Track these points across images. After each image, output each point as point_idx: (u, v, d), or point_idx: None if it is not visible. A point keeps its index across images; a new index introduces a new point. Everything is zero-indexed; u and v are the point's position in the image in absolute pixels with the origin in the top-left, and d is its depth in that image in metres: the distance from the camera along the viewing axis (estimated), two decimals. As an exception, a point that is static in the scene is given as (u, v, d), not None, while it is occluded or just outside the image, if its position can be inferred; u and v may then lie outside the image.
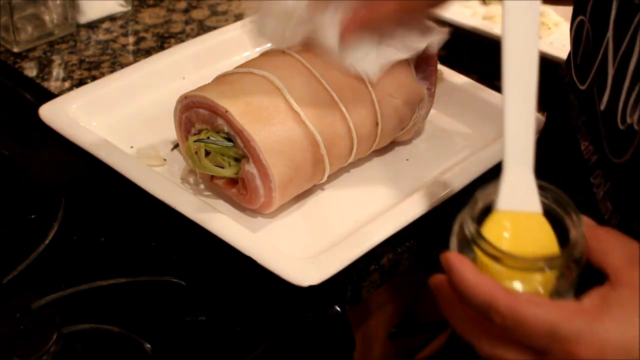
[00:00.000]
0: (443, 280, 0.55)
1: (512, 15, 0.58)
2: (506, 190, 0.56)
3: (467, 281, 0.51)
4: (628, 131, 0.59)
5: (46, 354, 0.64)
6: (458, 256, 0.53)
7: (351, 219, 0.79)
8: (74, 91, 0.93)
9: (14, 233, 0.78)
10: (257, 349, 0.68)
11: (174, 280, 0.72)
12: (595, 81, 0.66)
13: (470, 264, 0.52)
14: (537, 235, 0.55)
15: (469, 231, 0.54)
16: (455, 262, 0.52)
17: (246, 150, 0.75)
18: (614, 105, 0.61)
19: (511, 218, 0.55)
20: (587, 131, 0.67)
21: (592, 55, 0.66)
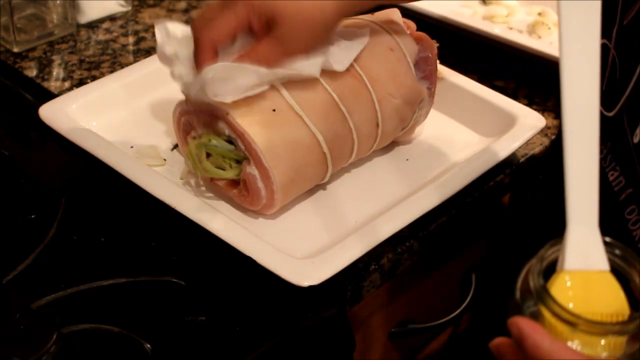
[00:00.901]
0: (507, 345, 0.53)
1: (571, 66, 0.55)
2: (572, 249, 0.54)
3: (543, 349, 0.50)
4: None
5: (46, 354, 0.64)
6: (529, 322, 0.51)
7: (351, 219, 0.79)
8: (74, 91, 0.93)
9: (14, 233, 0.77)
10: (257, 349, 0.68)
11: (174, 280, 0.72)
12: (625, 110, 0.64)
13: (544, 331, 0.51)
14: (605, 294, 0.53)
15: (536, 288, 0.52)
16: (528, 329, 0.51)
17: (247, 152, 0.75)
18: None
19: (578, 278, 0.53)
20: (614, 159, 0.65)
21: (621, 83, 0.64)
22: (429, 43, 0.87)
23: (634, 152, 0.62)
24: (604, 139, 0.65)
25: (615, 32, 0.65)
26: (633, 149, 0.62)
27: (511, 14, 1.13)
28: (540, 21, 1.10)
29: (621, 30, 0.65)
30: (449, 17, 1.07)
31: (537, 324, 0.51)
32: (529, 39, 1.06)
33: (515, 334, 0.51)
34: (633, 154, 0.62)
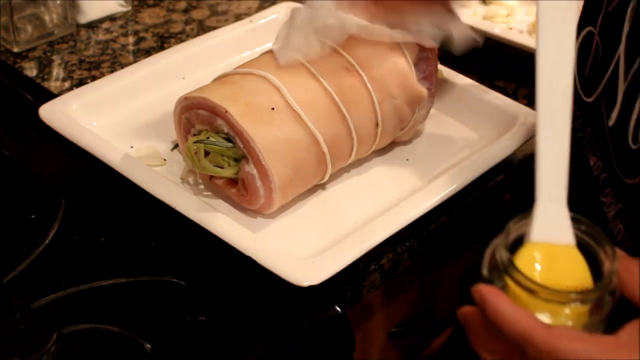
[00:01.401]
0: (473, 313, 0.54)
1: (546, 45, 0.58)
2: (539, 222, 0.55)
3: (503, 313, 0.51)
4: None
5: (46, 354, 0.64)
6: (492, 289, 0.52)
7: (351, 219, 0.79)
8: (74, 91, 0.93)
9: (14, 233, 0.77)
10: (257, 349, 0.68)
11: (174, 280, 0.72)
12: (603, 95, 0.65)
13: (505, 297, 0.52)
14: (570, 267, 0.55)
15: (502, 260, 0.54)
16: (490, 295, 0.52)
17: (246, 151, 0.75)
18: (625, 123, 0.60)
19: (544, 250, 0.55)
20: (594, 145, 0.66)
21: (601, 69, 0.65)
22: (429, 43, 0.87)
23: (608, 136, 0.63)
24: (584, 125, 0.66)
25: (601, 19, 0.66)
26: (608, 132, 0.63)
27: (511, 14, 1.13)
28: (540, 21, 1.09)
29: (606, 16, 0.65)
30: (449, 17, 1.07)
31: (499, 291, 0.52)
32: (529, 39, 1.06)
33: (478, 300, 0.52)
34: (608, 137, 0.63)
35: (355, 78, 0.80)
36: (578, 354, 0.49)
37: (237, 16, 1.15)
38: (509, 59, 1.05)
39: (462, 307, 0.55)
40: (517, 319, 0.50)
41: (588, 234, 0.55)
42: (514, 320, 0.50)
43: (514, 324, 0.50)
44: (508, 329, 0.51)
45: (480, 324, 0.53)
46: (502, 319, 0.51)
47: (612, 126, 0.62)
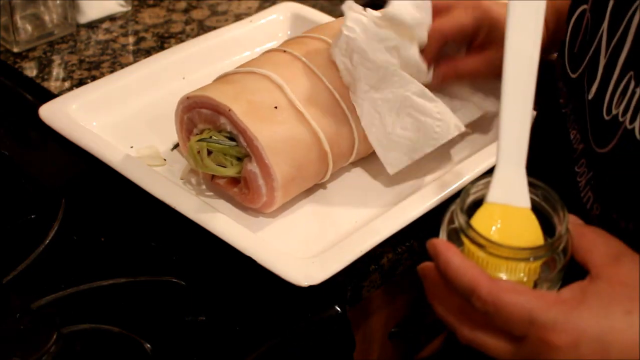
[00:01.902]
0: (430, 267, 0.57)
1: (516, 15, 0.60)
2: (497, 184, 0.57)
3: (452, 264, 0.53)
4: (612, 122, 0.60)
5: (46, 354, 0.64)
6: (444, 242, 0.55)
7: (351, 219, 0.79)
8: (74, 91, 0.93)
9: (14, 233, 0.78)
10: (257, 349, 0.68)
11: (174, 280, 0.72)
12: (586, 70, 0.66)
13: (457, 249, 0.54)
14: (524, 228, 0.57)
15: (458, 221, 0.56)
16: (442, 247, 0.54)
17: (249, 149, 0.75)
18: (602, 96, 0.62)
19: (500, 211, 0.57)
20: (575, 120, 0.68)
21: (587, 44, 0.66)
22: (429, 43, 0.87)
23: (587, 108, 0.64)
24: (568, 100, 0.67)
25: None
26: (587, 106, 0.64)
27: (511, 14, 1.12)
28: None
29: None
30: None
31: (451, 244, 0.55)
32: (529, 39, 1.05)
33: (432, 252, 0.55)
34: (586, 110, 0.64)
35: (355, 78, 0.80)
36: (521, 306, 0.50)
37: (237, 16, 1.15)
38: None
39: (422, 263, 0.57)
40: (465, 270, 0.53)
41: (544, 199, 0.57)
42: (462, 271, 0.53)
43: (461, 275, 0.52)
44: (456, 280, 0.53)
45: (436, 278, 0.56)
46: (451, 269, 0.53)
47: (591, 99, 0.64)
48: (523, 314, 0.51)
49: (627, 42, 0.59)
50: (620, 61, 0.60)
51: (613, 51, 0.61)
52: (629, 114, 0.58)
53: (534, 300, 0.51)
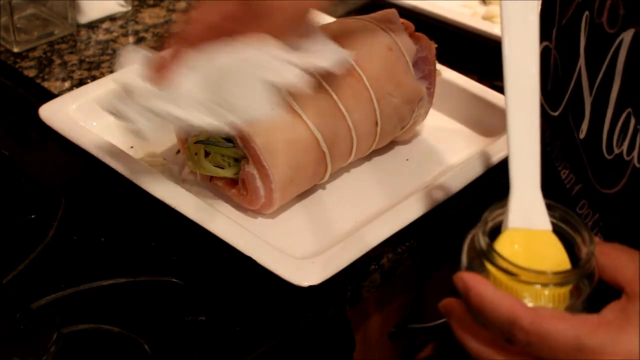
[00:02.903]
0: (454, 302, 0.55)
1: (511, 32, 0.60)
2: (515, 209, 0.56)
3: (486, 298, 0.51)
4: (617, 161, 0.58)
5: (46, 354, 0.64)
6: (473, 275, 0.52)
7: (351, 219, 0.79)
8: (74, 91, 0.93)
9: (14, 233, 0.78)
10: (257, 349, 0.68)
11: (174, 280, 0.72)
12: (569, 108, 0.65)
13: (487, 281, 0.52)
14: (548, 252, 0.55)
15: (481, 246, 0.54)
16: (472, 281, 0.52)
17: (246, 151, 0.75)
18: (596, 134, 0.61)
19: (522, 236, 0.55)
20: (564, 158, 0.67)
21: (563, 82, 0.65)
22: (427, 43, 0.87)
23: (580, 148, 0.63)
24: (553, 139, 0.67)
25: (555, 33, 0.66)
26: (580, 145, 0.63)
27: (511, 14, 1.12)
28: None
29: (560, 30, 0.66)
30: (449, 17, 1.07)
31: (481, 277, 0.52)
32: (528, 39, 1.05)
33: (461, 287, 0.52)
34: (580, 150, 0.63)
35: (354, 77, 0.80)
36: (565, 332, 0.49)
37: (237, 16, 1.15)
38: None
39: (445, 299, 0.55)
40: (502, 302, 0.50)
41: (564, 220, 0.56)
42: (499, 303, 0.50)
43: (499, 307, 0.50)
44: (493, 313, 0.51)
45: (464, 313, 0.54)
46: (487, 303, 0.51)
47: (583, 139, 0.63)
48: (570, 341, 0.49)
49: (617, 78, 0.58)
50: (612, 98, 0.58)
51: (600, 89, 0.60)
52: (635, 152, 0.57)
53: (579, 326, 0.50)
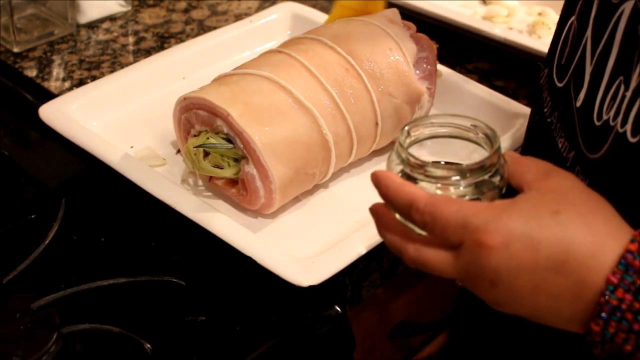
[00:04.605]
0: (379, 204, 0.60)
1: None
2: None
3: (392, 185, 0.56)
4: (604, 127, 0.60)
5: (46, 354, 0.64)
6: (383, 170, 0.58)
7: (351, 219, 0.79)
8: (74, 91, 0.93)
9: (14, 233, 0.78)
10: (257, 349, 0.68)
11: (174, 280, 0.72)
12: (572, 79, 0.66)
13: (395, 175, 0.57)
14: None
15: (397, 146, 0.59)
16: (381, 174, 0.57)
17: (246, 151, 0.75)
18: (591, 102, 0.62)
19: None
20: (561, 128, 0.68)
21: (573, 53, 0.67)
22: (428, 43, 0.87)
23: (576, 116, 0.64)
24: (553, 110, 0.68)
25: (579, 7, 0.67)
26: (575, 113, 0.65)
27: (511, 14, 1.13)
28: (540, 21, 1.10)
29: (582, 4, 0.67)
30: (449, 17, 1.07)
31: (389, 172, 0.58)
32: (529, 39, 1.06)
33: (374, 181, 0.58)
34: (575, 117, 0.65)
35: (354, 77, 0.80)
36: (454, 212, 0.53)
37: (237, 16, 1.15)
38: (509, 59, 1.05)
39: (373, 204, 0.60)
40: (403, 188, 0.56)
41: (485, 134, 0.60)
42: (401, 189, 0.56)
43: (401, 192, 0.56)
44: (396, 198, 0.56)
45: (385, 212, 0.59)
46: (392, 190, 0.56)
47: (579, 107, 0.64)
48: (457, 220, 0.53)
49: (614, 48, 0.59)
50: (609, 67, 0.60)
51: (600, 58, 0.61)
52: (619, 117, 0.58)
53: (467, 208, 0.54)
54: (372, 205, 0.60)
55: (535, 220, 0.52)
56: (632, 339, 0.50)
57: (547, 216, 0.52)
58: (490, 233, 0.52)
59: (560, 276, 0.51)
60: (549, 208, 0.53)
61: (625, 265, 0.50)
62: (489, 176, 0.57)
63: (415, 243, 0.56)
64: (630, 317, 0.50)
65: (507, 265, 0.52)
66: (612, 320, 0.50)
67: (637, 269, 0.50)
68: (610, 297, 0.50)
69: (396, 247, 0.58)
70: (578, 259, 0.51)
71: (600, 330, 0.51)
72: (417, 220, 0.55)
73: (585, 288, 0.51)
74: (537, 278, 0.52)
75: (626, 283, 0.50)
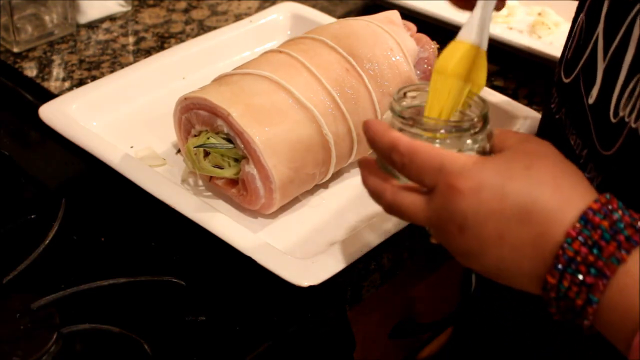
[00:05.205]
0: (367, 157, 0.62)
1: None
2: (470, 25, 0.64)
3: (379, 130, 0.58)
4: (619, 124, 0.60)
5: (46, 354, 0.64)
6: (374, 119, 0.61)
7: (351, 219, 0.79)
8: (74, 91, 0.93)
9: (14, 233, 0.78)
10: (257, 349, 0.68)
11: (174, 280, 0.72)
12: (581, 75, 0.66)
13: (382, 122, 0.60)
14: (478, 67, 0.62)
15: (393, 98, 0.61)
16: (371, 121, 0.59)
17: (246, 151, 0.75)
18: (606, 99, 0.62)
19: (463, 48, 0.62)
20: (572, 125, 0.68)
21: (581, 49, 0.67)
22: (429, 44, 0.87)
23: (588, 113, 0.65)
24: (560, 105, 0.68)
25: (587, 4, 0.68)
26: (588, 110, 0.65)
27: (511, 14, 1.13)
28: (540, 21, 1.09)
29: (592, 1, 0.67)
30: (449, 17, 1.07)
31: (379, 121, 0.60)
32: (529, 39, 1.06)
33: (364, 129, 0.60)
34: (588, 115, 0.65)
35: (355, 78, 0.80)
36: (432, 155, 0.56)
37: (237, 16, 1.15)
38: (509, 59, 1.05)
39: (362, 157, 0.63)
40: (387, 132, 0.58)
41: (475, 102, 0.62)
42: (386, 133, 0.58)
43: (384, 136, 0.58)
44: (380, 140, 0.58)
45: (370, 161, 0.61)
46: (378, 133, 0.58)
47: (592, 104, 0.64)
48: (434, 161, 0.55)
49: (631, 46, 0.59)
50: (626, 65, 0.60)
51: (614, 55, 0.61)
52: (634, 114, 0.59)
53: (445, 154, 0.56)
54: (361, 157, 0.63)
55: (506, 171, 0.54)
56: (583, 292, 0.51)
57: (519, 170, 0.54)
58: (462, 178, 0.54)
59: (524, 226, 0.53)
60: (522, 163, 0.55)
61: (585, 220, 0.52)
62: (472, 137, 0.59)
63: (393, 187, 0.59)
64: (583, 270, 0.51)
65: (476, 210, 0.54)
66: (566, 273, 0.52)
67: (595, 225, 0.51)
68: (567, 248, 0.52)
69: (376, 190, 0.60)
70: (542, 211, 0.53)
71: (555, 283, 0.52)
72: (396, 161, 0.57)
73: (546, 240, 0.53)
74: (503, 226, 0.54)
75: (584, 236, 0.51)
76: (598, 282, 0.51)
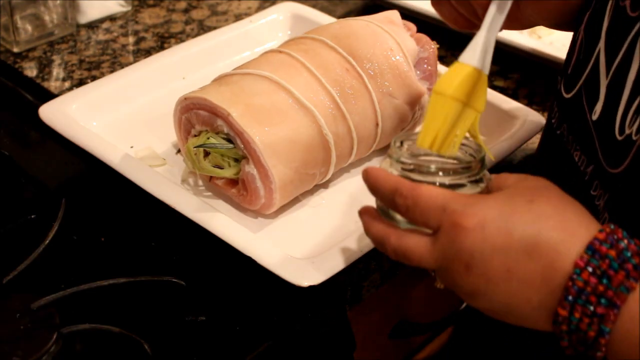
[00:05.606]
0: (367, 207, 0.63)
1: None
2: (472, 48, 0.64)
3: (380, 176, 0.60)
4: (626, 141, 0.60)
5: (46, 354, 0.64)
6: (373, 167, 0.61)
7: (351, 220, 0.79)
8: (74, 91, 0.93)
9: (14, 233, 0.78)
10: (257, 349, 0.68)
11: (174, 280, 0.72)
12: (583, 90, 0.66)
13: (383, 169, 0.61)
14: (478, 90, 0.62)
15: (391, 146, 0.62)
16: (370, 168, 0.61)
17: (246, 151, 0.75)
18: (610, 116, 0.61)
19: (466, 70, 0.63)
20: (575, 140, 0.67)
21: (581, 65, 0.66)
22: (429, 44, 0.87)
23: (593, 129, 0.64)
24: (562, 120, 0.68)
25: (587, 17, 0.67)
26: (592, 126, 0.65)
27: (511, 14, 1.12)
28: (540, 21, 1.09)
29: (591, 14, 0.67)
30: (449, 17, 1.07)
31: (379, 167, 0.61)
32: (529, 39, 1.06)
33: (364, 175, 0.61)
34: (592, 131, 0.65)
35: (355, 78, 0.80)
36: (435, 197, 0.57)
37: (237, 16, 1.15)
38: (509, 59, 1.05)
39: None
40: (390, 178, 0.59)
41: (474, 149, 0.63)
42: (388, 179, 0.59)
43: (387, 182, 0.59)
44: (382, 187, 0.59)
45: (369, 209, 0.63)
46: (379, 180, 0.59)
47: (596, 120, 0.64)
48: (437, 203, 0.56)
49: (635, 62, 0.59)
50: (630, 81, 0.60)
51: (617, 71, 0.61)
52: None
53: (448, 194, 0.57)
54: (361, 207, 0.63)
55: (509, 206, 0.55)
56: (595, 324, 0.52)
57: (521, 203, 0.55)
58: (466, 215, 0.55)
59: (531, 259, 0.53)
60: (524, 198, 0.55)
61: (592, 250, 0.52)
62: (471, 181, 0.60)
63: (398, 231, 0.59)
64: (594, 300, 0.51)
65: (482, 247, 0.54)
66: (577, 304, 0.52)
67: (603, 255, 0.52)
68: (577, 279, 0.52)
69: (380, 236, 0.60)
70: (549, 243, 0.53)
71: (567, 315, 0.52)
72: (400, 204, 0.58)
73: (554, 272, 0.53)
74: (510, 261, 0.54)
75: (592, 266, 0.52)
76: (609, 312, 0.51)
